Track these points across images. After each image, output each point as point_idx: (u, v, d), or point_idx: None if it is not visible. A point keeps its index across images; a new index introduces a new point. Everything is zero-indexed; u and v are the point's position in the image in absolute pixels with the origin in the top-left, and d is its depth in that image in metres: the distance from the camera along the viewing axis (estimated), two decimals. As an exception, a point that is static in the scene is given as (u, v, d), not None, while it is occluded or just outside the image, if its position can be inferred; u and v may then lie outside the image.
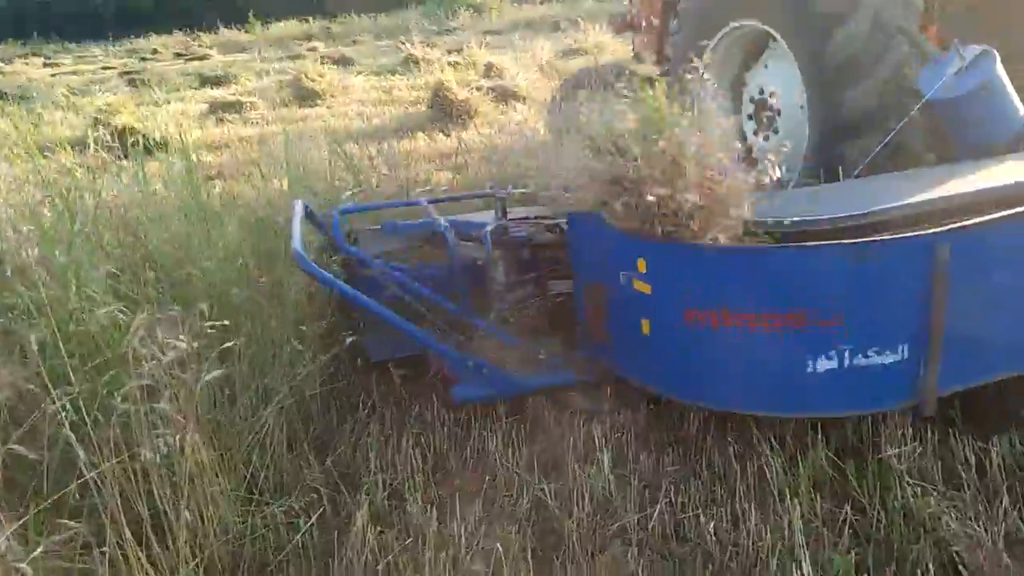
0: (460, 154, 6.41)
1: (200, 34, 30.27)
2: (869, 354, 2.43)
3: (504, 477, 2.82)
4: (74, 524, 2.12)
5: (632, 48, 7.07)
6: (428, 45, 18.23)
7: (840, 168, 3.85)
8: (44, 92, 14.91)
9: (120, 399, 2.32)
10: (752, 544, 2.30)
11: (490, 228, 3.28)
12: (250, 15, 31.00)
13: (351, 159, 5.08)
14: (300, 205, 3.55)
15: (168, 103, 13.12)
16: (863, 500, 2.43)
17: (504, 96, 10.43)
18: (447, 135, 8.13)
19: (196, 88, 15.63)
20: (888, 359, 2.43)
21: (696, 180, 2.49)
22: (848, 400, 2.54)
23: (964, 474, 2.45)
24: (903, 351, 2.44)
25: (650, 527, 2.45)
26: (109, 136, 5.93)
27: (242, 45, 26.86)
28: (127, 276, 3.11)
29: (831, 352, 2.42)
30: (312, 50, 22.30)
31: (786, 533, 2.31)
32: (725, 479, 2.64)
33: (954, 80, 3.51)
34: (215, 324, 2.47)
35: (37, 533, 2.16)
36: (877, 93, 3.93)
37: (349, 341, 3.09)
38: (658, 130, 2.55)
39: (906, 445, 2.55)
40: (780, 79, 4.65)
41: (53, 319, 2.42)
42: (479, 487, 2.79)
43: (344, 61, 17.85)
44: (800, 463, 2.58)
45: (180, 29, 31.53)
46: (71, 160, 4.42)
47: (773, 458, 2.59)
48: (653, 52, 6.44)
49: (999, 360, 2.62)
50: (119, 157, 5.29)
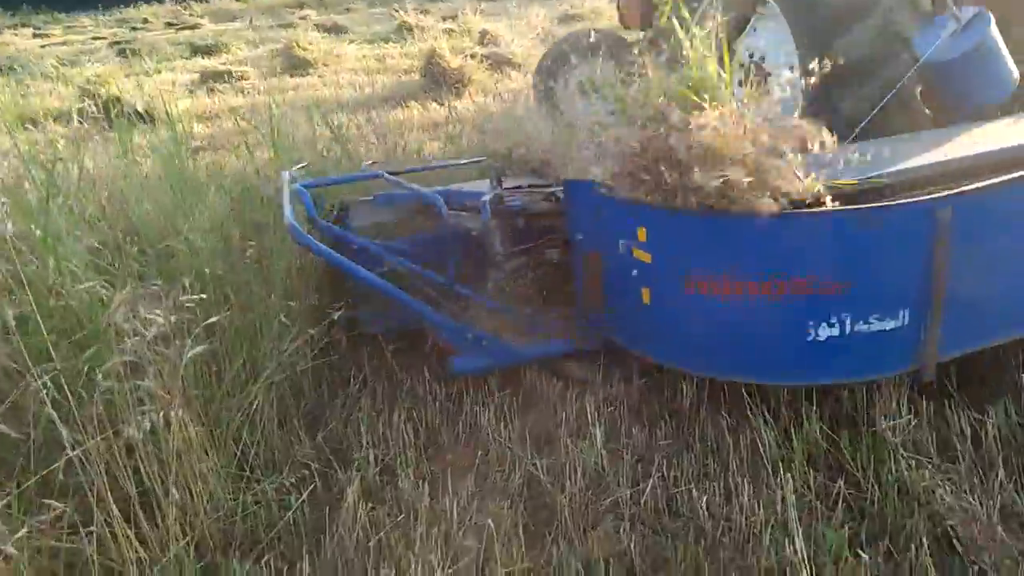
0: (451, 123, 6.30)
1: (191, 2, 29.75)
2: (870, 320, 2.42)
3: (496, 452, 2.79)
4: (59, 504, 2.09)
5: (618, 11, 6.94)
6: (422, 12, 17.94)
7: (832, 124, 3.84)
8: (33, 63, 14.69)
9: (102, 376, 2.28)
10: (745, 519, 2.28)
11: (487, 198, 3.21)
12: (242, -18, 30.44)
13: (340, 128, 4.99)
14: (288, 176, 3.47)
15: (159, 73, 12.93)
16: (857, 474, 2.40)
17: (499, 64, 10.27)
18: (440, 104, 8.00)
19: (187, 58, 15.40)
20: (889, 325, 2.42)
21: (750, 153, 2.36)
22: (849, 367, 2.52)
23: (959, 445, 2.43)
24: (904, 317, 2.42)
25: (642, 502, 2.43)
26: (96, 107, 5.83)
27: (233, 14, 26.42)
28: (109, 249, 3.05)
29: (832, 319, 2.41)
30: (304, 18, 21.96)
31: (779, 507, 2.28)
32: (718, 452, 2.61)
33: (949, 42, 3.45)
34: (199, 298, 2.42)
35: (22, 513, 2.14)
36: (868, 40, 3.85)
37: (339, 314, 3.04)
38: (708, 98, 2.43)
39: (901, 417, 2.52)
40: (769, 42, 4.60)
41: (31, 294, 2.36)
42: (471, 462, 2.76)
43: (337, 29, 17.58)
44: (793, 436, 2.55)
45: (171, -3, 31.00)
46: (53, 132, 4.33)
47: (766, 431, 2.56)
48: (638, 16, 6.34)
49: (998, 324, 2.61)
50: (105, 128, 5.21)
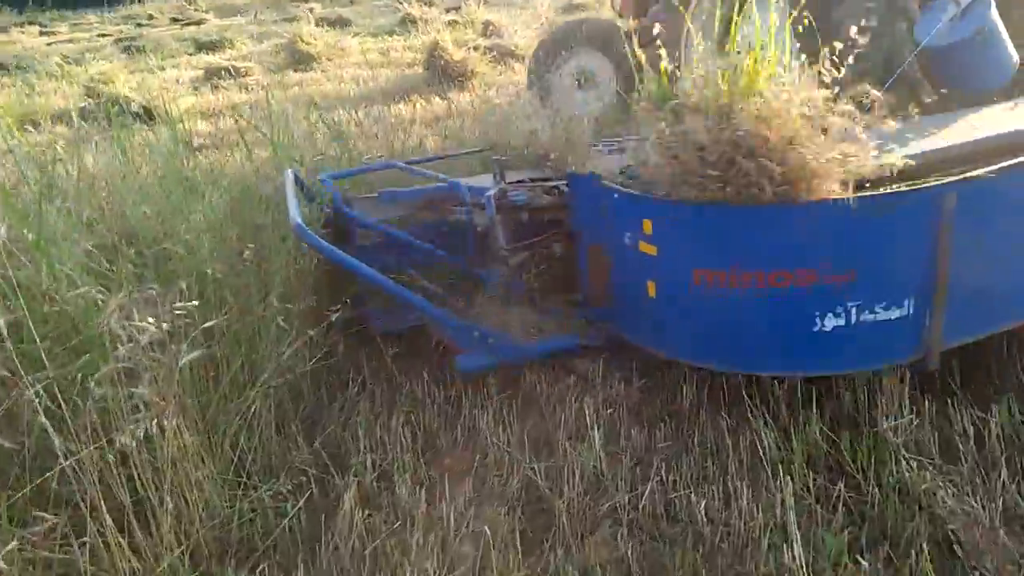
0: (451, 118, 6.25)
1: (196, -3, 29.72)
2: (876, 310, 2.42)
3: (495, 456, 2.76)
4: (51, 516, 2.08)
5: (612, 1, 6.90)
6: (426, 3, 17.86)
7: None
8: (39, 61, 14.73)
9: (96, 383, 2.26)
10: (743, 524, 2.24)
11: (491, 192, 3.19)
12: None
13: (339, 126, 4.95)
14: (291, 174, 3.44)
15: (162, 70, 12.93)
16: (857, 476, 2.37)
17: (502, 55, 10.21)
18: (443, 98, 7.95)
19: (191, 54, 15.40)
20: (894, 314, 2.43)
21: (809, 140, 2.35)
22: (855, 357, 2.53)
23: (962, 446, 2.38)
24: (909, 305, 2.43)
25: (641, 507, 2.40)
26: (98, 106, 5.82)
27: (238, 8, 26.36)
28: (107, 252, 3.04)
29: (838, 309, 2.41)
30: (309, 11, 21.90)
31: (778, 511, 2.25)
32: (717, 455, 2.58)
33: (949, 27, 3.41)
34: (193, 304, 2.40)
35: (14, 524, 2.13)
36: (864, 10, 3.82)
37: (336, 316, 3.02)
38: (767, 88, 2.45)
39: (903, 417, 2.48)
40: (765, 27, 4.60)
41: (23, 300, 2.35)
42: (469, 466, 2.74)
43: (341, 22, 17.52)
44: (793, 437, 2.52)
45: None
46: (52, 133, 4.32)
47: (766, 433, 2.53)
48: (632, 5, 6.31)
49: (1001, 311, 2.61)
50: (107, 128, 5.19)
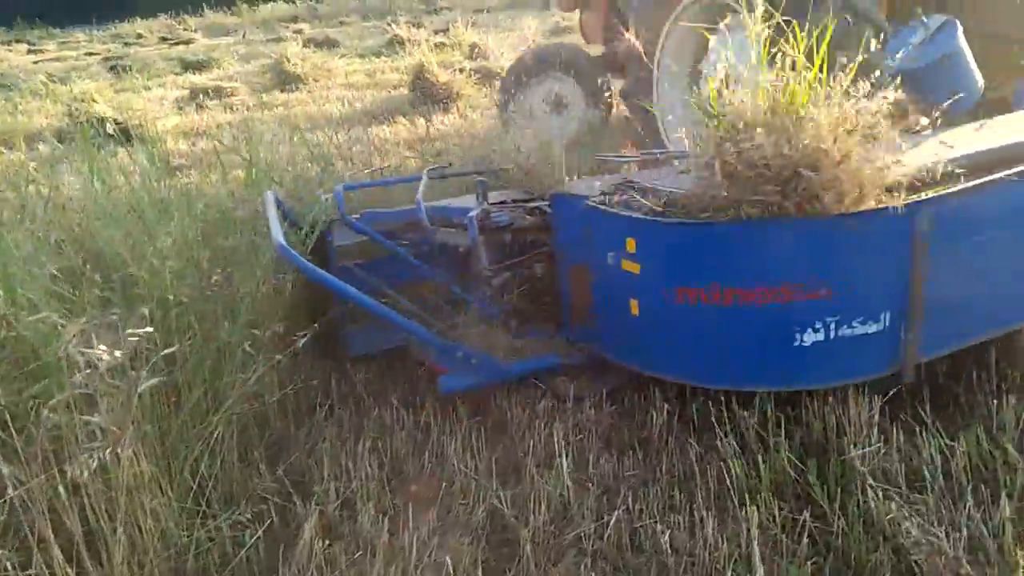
0: (430, 141, 6.26)
1: (186, 17, 29.86)
2: (854, 324, 2.45)
3: (461, 483, 2.72)
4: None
5: (580, 28, 6.95)
6: (415, 25, 18.00)
7: None
8: (24, 79, 14.71)
9: (48, 411, 2.21)
10: (709, 554, 2.21)
11: (474, 214, 3.19)
12: (238, -4, 30.55)
13: (319, 147, 4.94)
14: (272, 196, 3.43)
15: (148, 89, 12.94)
16: (823, 504, 2.34)
17: (488, 78, 10.24)
18: (427, 120, 7.97)
19: (178, 73, 15.42)
20: (871, 328, 2.46)
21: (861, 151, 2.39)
22: (833, 371, 2.56)
23: (929, 475, 2.36)
24: (885, 320, 2.47)
25: (606, 536, 2.36)
26: (75, 126, 5.78)
27: (227, 28, 26.52)
28: (72, 276, 3.00)
29: (818, 324, 2.44)
30: (298, 32, 22.01)
31: (743, 541, 2.22)
32: (685, 483, 2.54)
33: (918, 50, 3.44)
34: (150, 329, 2.36)
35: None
36: (828, 20, 3.91)
37: (303, 341, 2.98)
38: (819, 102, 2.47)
39: (870, 445, 2.45)
40: (736, 49, 4.67)
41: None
42: (435, 494, 2.70)
43: (329, 43, 17.59)
44: (761, 465, 2.49)
45: (166, 12, 31.07)
46: (24, 155, 4.29)
47: (734, 461, 2.50)
48: (600, 32, 6.35)
49: (974, 325, 2.65)
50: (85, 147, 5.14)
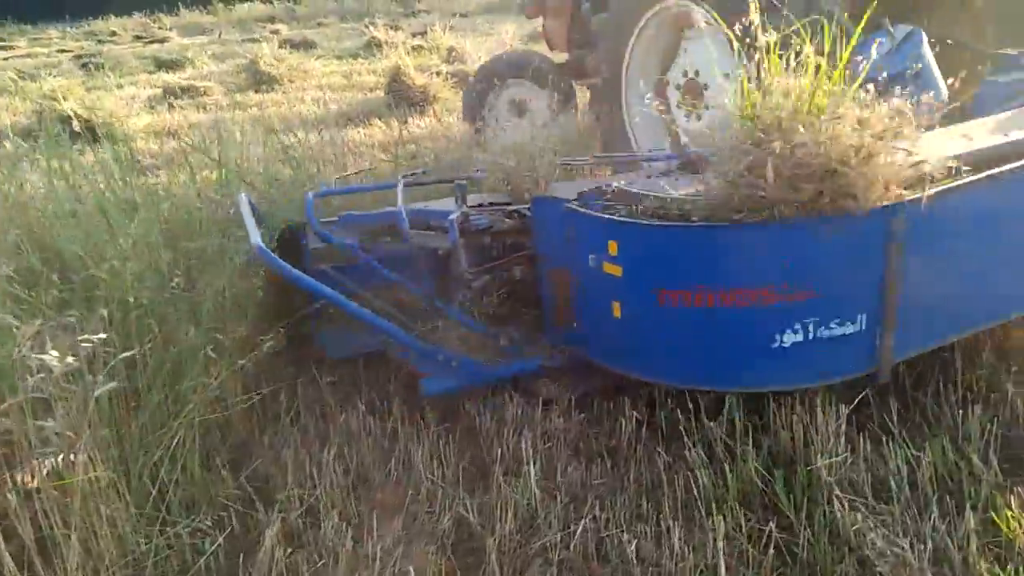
0: (403, 144, 6.23)
1: (161, 16, 29.52)
2: (831, 326, 2.48)
3: (428, 491, 2.68)
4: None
5: (543, 34, 6.95)
6: (392, 28, 17.94)
7: None
8: (-7, 75, 14.43)
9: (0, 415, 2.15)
10: (675, 564, 2.19)
11: (454, 217, 3.17)
12: (213, -5, 30.25)
13: (289, 149, 4.88)
14: (246, 198, 3.39)
15: (120, 88, 12.75)
16: (790, 515, 2.33)
17: (464, 81, 10.20)
18: (402, 122, 7.93)
19: (151, 72, 15.23)
20: (848, 329, 2.50)
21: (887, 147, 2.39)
22: (811, 372, 2.59)
23: (895, 485, 2.37)
24: (862, 321, 2.50)
25: (573, 546, 2.33)
26: (40, 124, 5.67)
27: (203, 27, 26.27)
28: (30, 277, 2.92)
29: (797, 326, 2.46)
30: (275, 32, 21.85)
31: (710, 551, 2.21)
32: (652, 492, 2.53)
33: (884, 59, 3.46)
34: (104, 335, 2.30)
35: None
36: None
37: (268, 345, 2.93)
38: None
39: (837, 455, 2.46)
40: (702, 56, 4.73)
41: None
42: (401, 502, 2.66)
43: (306, 44, 17.49)
44: (729, 474, 2.48)
45: (141, 10, 30.70)
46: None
47: (702, 471, 2.49)
48: (564, 39, 6.36)
49: (947, 324, 2.70)
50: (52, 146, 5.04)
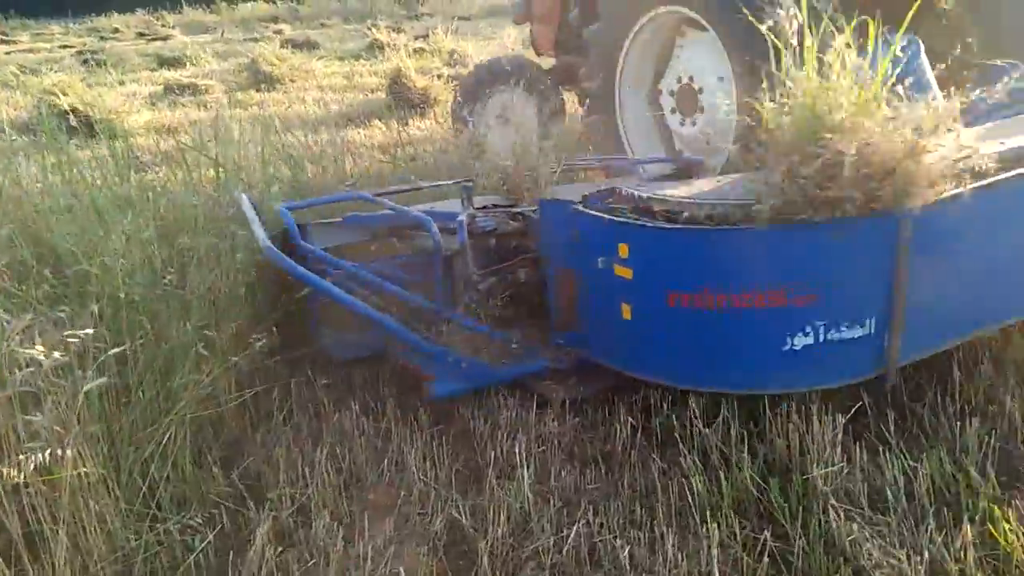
0: (403, 146, 6.21)
1: (164, 13, 29.52)
2: (841, 328, 2.49)
3: (420, 492, 2.66)
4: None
5: (531, 38, 6.92)
6: (395, 30, 17.95)
7: None
8: (-6, 70, 14.41)
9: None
10: (668, 571, 2.17)
11: (463, 218, 3.17)
12: (217, -6, 30.24)
13: (291, 148, 4.87)
14: (247, 198, 3.39)
15: (121, 84, 12.74)
16: (785, 524, 2.31)
17: (465, 85, 10.21)
18: (403, 124, 7.91)
19: (153, 69, 15.22)
20: (857, 333, 2.51)
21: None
22: (820, 374, 2.59)
23: (891, 496, 2.35)
24: (870, 324, 2.51)
25: (565, 550, 2.31)
26: (39, 119, 5.65)
27: (206, 26, 26.28)
28: (22, 272, 2.91)
29: (807, 328, 2.47)
30: (278, 32, 21.85)
31: (703, 559, 2.18)
32: (646, 498, 2.51)
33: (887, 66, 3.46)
34: (90, 330, 2.28)
35: None
36: None
37: (260, 344, 2.91)
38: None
39: (833, 465, 2.44)
40: (695, 62, 4.71)
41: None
42: (393, 502, 2.64)
43: (309, 45, 17.48)
44: (723, 481, 2.46)
45: (144, 8, 30.69)
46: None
47: (696, 477, 2.47)
48: (550, 43, 6.35)
49: (949, 328, 2.71)
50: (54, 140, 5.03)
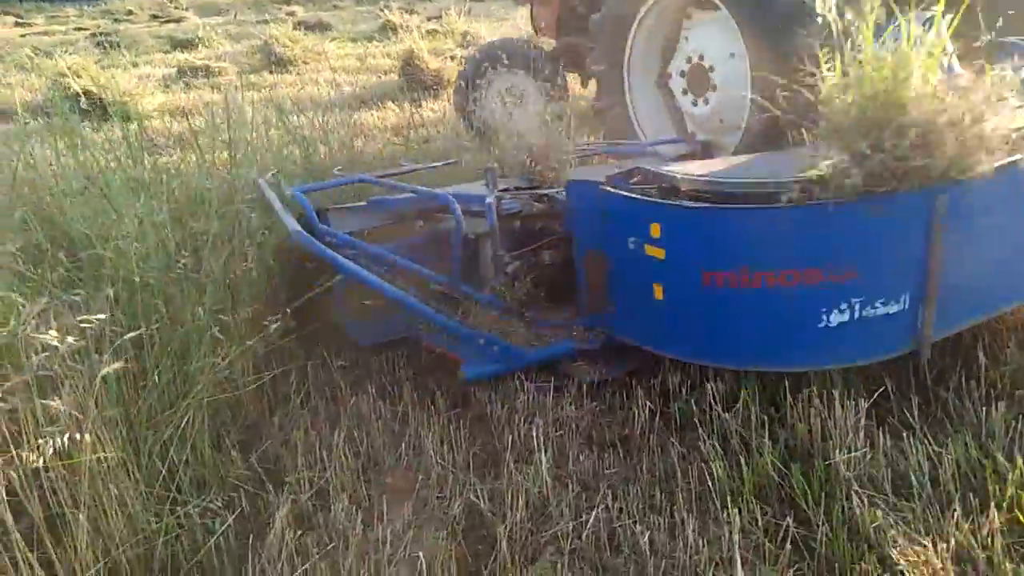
0: (415, 127, 6.17)
1: (178, -5, 29.48)
2: (876, 305, 2.52)
3: (438, 476, 2.65)
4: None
5: (532, 22, 6.90)
6: (408, 11, 17.84)
7: None
8: (9, 53, 14.45)
9: (5, 393, 2.13)
10: (689, 557, 2.15)
11: (491, 200, 3.17)
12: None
13: (302, 130, 4.84)
14: (264, 183, 3.39)
15: (135, 66, 12.73)
16: (807, 510, 2.28)
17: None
18: (416, 106, 7.86)
19: (167, 52, 15.21)
20: (892, 309, 2.53)
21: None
22: (856, 351, 2.61)
23: (916, 482, 2.31)
24: (905, 300, 2.52)
25: (584, 535, 2.30)
26: (52, 101, 5.64)
27: (219, 8, 26.23)
28: (37, 255, 2.90)
29: (843, 305, 2.48)
30: (291, 14, 21.78)
31: (725, 545, 2.16)
32: (666, 483, 2.49)
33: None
34: (104, 315, 2.27)
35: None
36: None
37: (275, 326, 2.90)
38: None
39: (856, 450, 2.40)
40: (706, 41, 4.71)
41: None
42: (411, 487, 2.63)
43: (322, 26, 17.44)
44: (744, 467, 2.44)
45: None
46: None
47: (717, 463, 2.44)
48: (553, 26, 6.32)
49: (982, 304, 2.73)
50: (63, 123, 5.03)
